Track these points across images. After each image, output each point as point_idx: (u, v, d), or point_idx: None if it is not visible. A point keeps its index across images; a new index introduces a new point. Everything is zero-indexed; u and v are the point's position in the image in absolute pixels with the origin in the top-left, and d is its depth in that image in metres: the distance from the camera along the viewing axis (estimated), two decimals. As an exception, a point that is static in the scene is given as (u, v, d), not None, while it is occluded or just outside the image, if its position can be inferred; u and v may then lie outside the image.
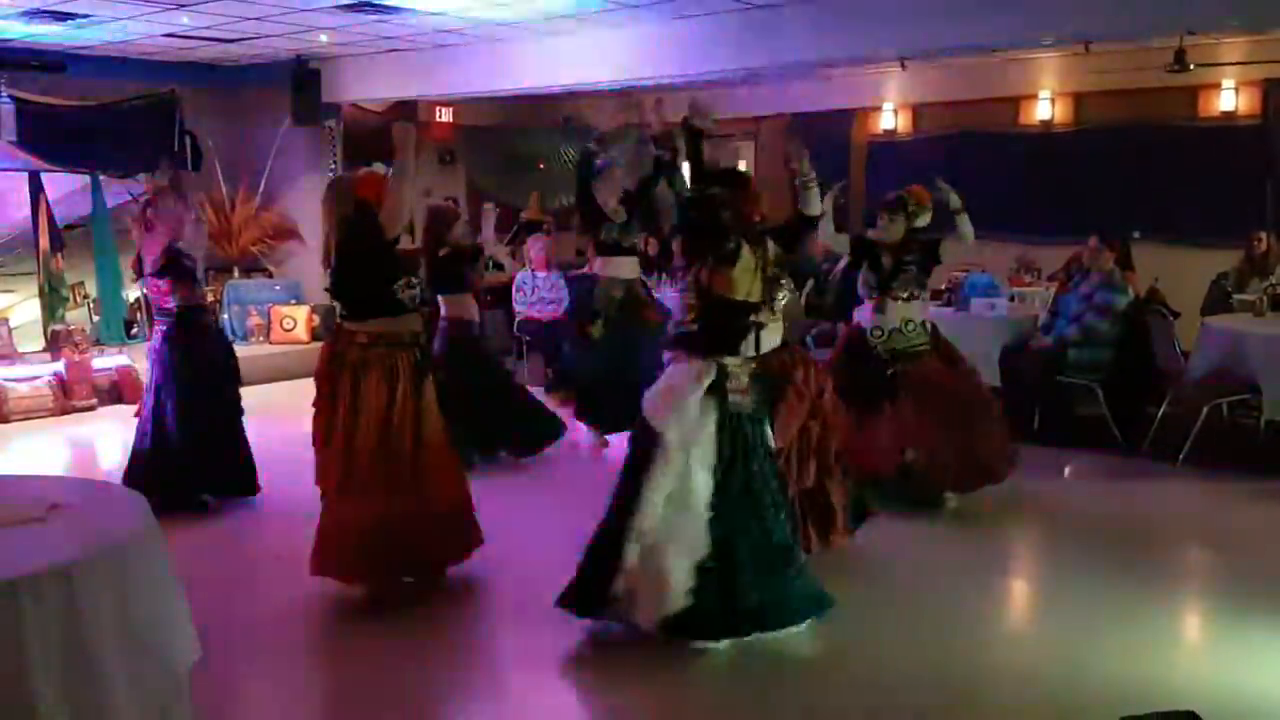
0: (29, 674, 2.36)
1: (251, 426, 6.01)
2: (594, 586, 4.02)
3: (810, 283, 9.08)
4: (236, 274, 10.82)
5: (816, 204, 4.65)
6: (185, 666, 2.83)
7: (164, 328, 5.80)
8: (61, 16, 8.02)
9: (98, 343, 9.23)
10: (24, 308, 9.35)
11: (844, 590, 4.63)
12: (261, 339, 10.32)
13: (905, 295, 5.70)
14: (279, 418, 6.15)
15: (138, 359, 9.00)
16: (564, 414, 7.18)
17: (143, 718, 2.58)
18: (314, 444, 4.46)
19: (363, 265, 4.39)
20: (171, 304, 5.76)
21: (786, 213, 4.86)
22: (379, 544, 4.35)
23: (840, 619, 4.36)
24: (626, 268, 7.03)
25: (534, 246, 9.75)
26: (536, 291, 9.71)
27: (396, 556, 4.43)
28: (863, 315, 5.83)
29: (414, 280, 4.51)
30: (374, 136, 10.65)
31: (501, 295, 9.73)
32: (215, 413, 5.85)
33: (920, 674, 3.86)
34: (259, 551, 5.36)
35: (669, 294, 4.63)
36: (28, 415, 8.24)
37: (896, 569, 4.99)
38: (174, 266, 5.71)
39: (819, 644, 4.19)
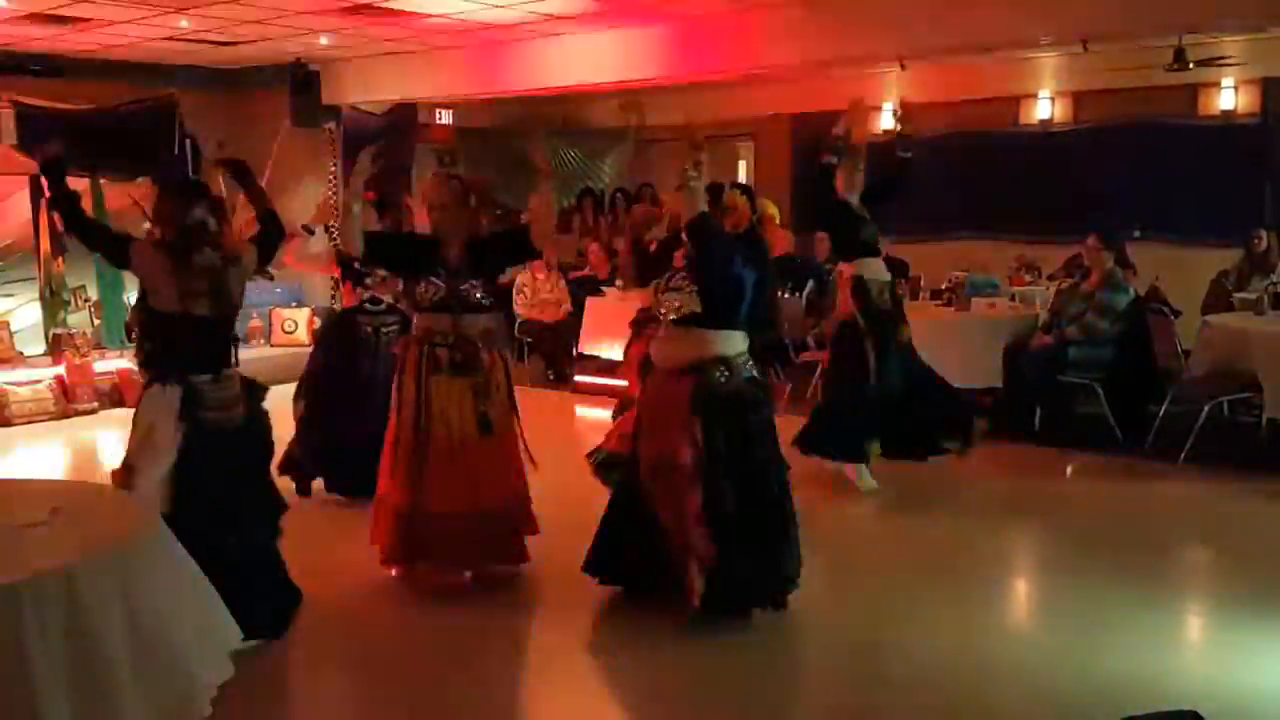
0: (32, 677, 2.36)
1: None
2: None
3: (811, 283, 9.08)
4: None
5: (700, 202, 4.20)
6: (208, 677, 2.82)
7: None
8: (61, 20, 8.03)
9: (99, 346, 9.22)
10: (25, 311, 9.34)
11: (844, 590, 4.65)
12: (262, 342, 10.31)
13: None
14: (279, 421, 6.13)
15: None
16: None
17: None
18: None
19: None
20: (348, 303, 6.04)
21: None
22: (403, 533, 4.53)
23: (840, 619, 4.37)
24: (876, 269, 6.07)
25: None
26: (537, 293, 9.72)
27: (414, 548, 4.55)
28: None
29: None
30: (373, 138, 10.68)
31: (502, 297, 9.74)
32: (337, 413, 5.84)
33: (920, 674, 3.86)
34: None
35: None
36: (29, 419, 8.24)
37: (896, 569, 4.99)
38: (345, 268, 5.93)
39: (819, 643, 4.20)
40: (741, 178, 13.40)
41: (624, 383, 7.16)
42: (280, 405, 6.19)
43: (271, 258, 4.34)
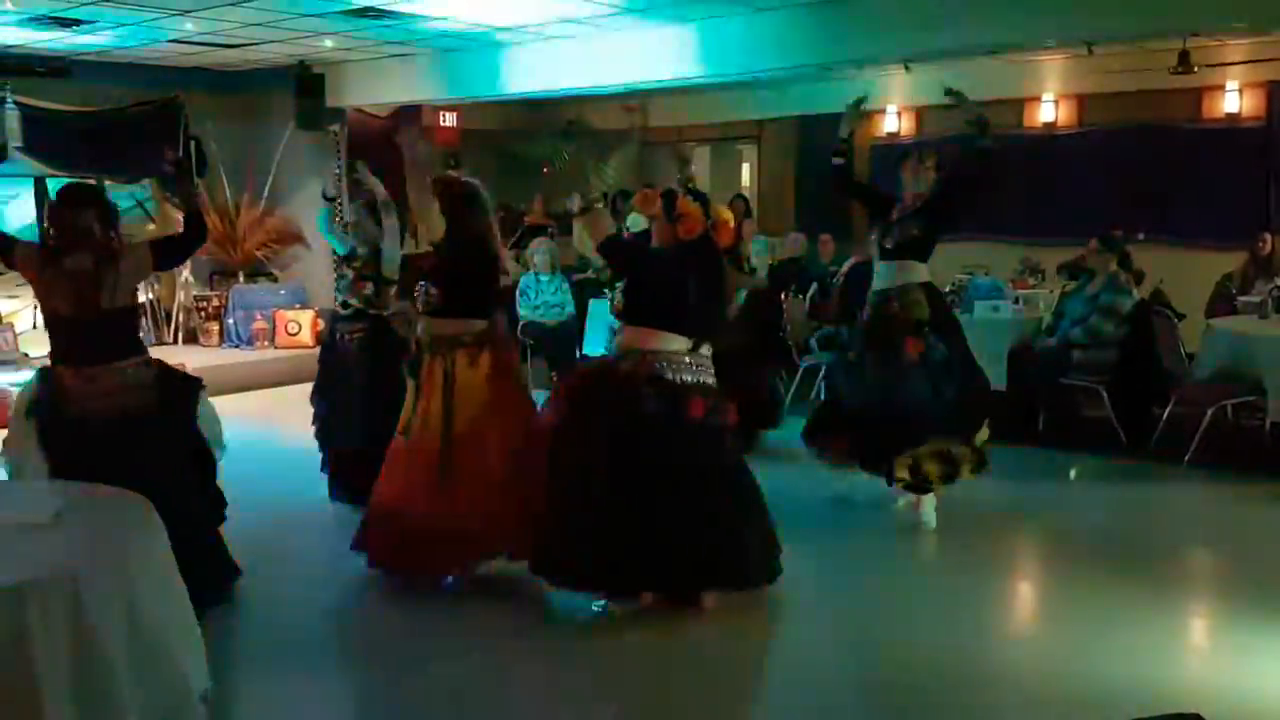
0: (36, 677, 2.37)
1: (255, 431, 6.00)
2: None
3: (814, 285, 9.08)
4: (241, 278, 10.85)
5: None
6: (198, 682, 2.83)
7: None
8: (66, 23, 8.04)
9: (102, 347, 9.24)
10: (29, 312, 9.37)
11: (845, 590, 4.65)
12: (266, 343, 10.33)
13: None
14: (283, 422, 6.14)
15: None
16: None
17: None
18: None
19: None
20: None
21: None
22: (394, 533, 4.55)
23: (842, 619, 4.37)
24: (902, 271, 5.51)
25: (538, 250, 9.76)
26: (540, 295, 9.72)
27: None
28: None
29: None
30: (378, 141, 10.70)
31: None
32: (332, 418, 5.82)
33: (923, 675, 3.85)
34: (271, 552, 5.37)
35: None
36: (33, 420, 8.25)
37: (896, 569, 4.99)
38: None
39: (819, 644, 4.19)
40: (745, 180, 13.43)
41: None
42: (283, 409, 6.24)
43: (182, 256, 4.37)
